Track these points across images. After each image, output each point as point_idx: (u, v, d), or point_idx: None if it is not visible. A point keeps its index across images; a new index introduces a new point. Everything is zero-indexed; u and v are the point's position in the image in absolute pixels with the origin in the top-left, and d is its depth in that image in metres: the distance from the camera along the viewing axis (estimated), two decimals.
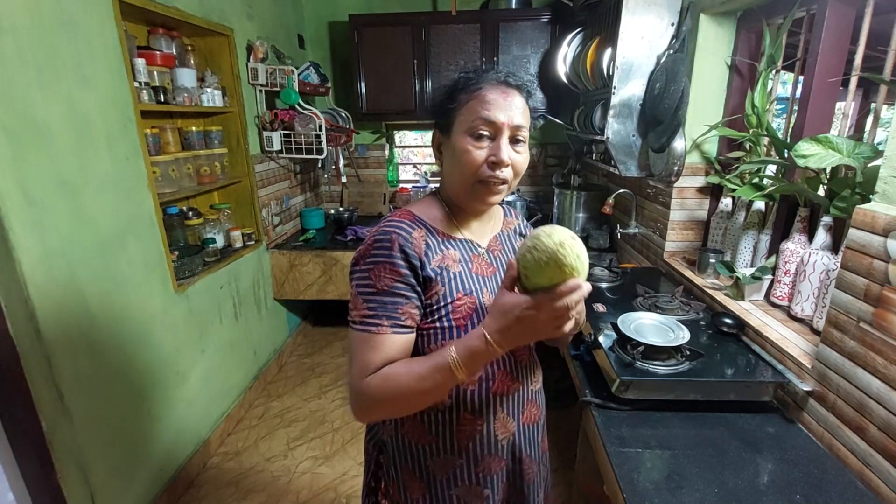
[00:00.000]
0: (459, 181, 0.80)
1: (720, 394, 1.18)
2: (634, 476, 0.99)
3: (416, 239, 0.77)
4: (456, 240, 0.84)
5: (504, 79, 0.79)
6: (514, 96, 0.77)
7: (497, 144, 0.76)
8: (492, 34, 2.90)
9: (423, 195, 0.91)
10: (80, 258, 1.46)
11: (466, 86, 0.78)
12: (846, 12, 1.33)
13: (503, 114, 0.75)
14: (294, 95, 2.59)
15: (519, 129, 0.77)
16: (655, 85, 1.82)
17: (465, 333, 0.76)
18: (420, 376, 0.70)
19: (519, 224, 1.00)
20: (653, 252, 2.15)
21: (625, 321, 1.33)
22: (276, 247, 2.81)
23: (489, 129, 0.76)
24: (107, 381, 1.57)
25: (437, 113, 0.83)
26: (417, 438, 0.85)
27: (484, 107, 0.75)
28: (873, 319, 0.96)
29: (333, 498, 1.92)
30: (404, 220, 0.80)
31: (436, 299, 0.78)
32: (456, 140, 0.78)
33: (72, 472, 1.42)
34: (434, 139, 0.86)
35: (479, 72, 0.80)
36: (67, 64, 1.41)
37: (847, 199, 1.18)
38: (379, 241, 0.76)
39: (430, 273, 0.77)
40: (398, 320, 0.75)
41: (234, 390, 2.40)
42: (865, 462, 0.98)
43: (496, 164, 0.75)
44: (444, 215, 0.85)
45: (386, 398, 0.72)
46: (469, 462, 0.85)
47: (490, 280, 0.85)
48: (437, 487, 0.87)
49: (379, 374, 0.73)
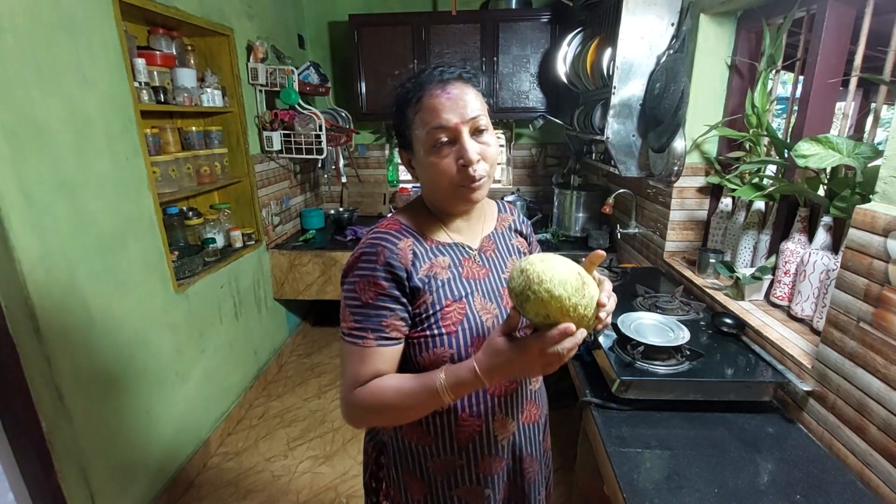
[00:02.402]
0: (437, 192, 0.80)
1: (720, 394, 1.18)
2: (634, 476, 0.99)
3: (402, 250, 0.77)
4: (445, 245, 0.83)
5: (440, 77, 0.75)
6: (456, 89, 0.74)
7: (461, 146, 0.74)
8: (492, 34, 2.90)
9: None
10: (80, 258, 1.46)
11: (408, 99, 0.77)
12: (846, 12, 1.33)
13: (453, 114, 0.73)
14: (294, 95, 2.59)
15: (475, 119, 0.74)
16: (655, 85, 1.82)
17: (456, 340, 0.77)
18: (407, 394, 0.73)
19: (515, 220, 0.97)
20: (653, 252, 2.15)
21: (625, 321, 1.33)
22: (276, 247, 2.81)
23: (446, 134, 0.74)
24: (107, 381, 1.57)
25: (397, 133, 0.82)
26: (417, 439, 0.85)
27: (432, 116, 0.73)
28: (873, 319, 0.96)
29: (333, 498, 1.92)
30: (391, 230, 0.80)
31: (424, 308, 0.78)
32: (420, 157, 0.77)
33: (72, 472, 1.42)
34: (402, 157, 0.85)
35: (415, 80, 0.77)
36: (67, 64, 1.41)
37: (847, 199, 1.18)
38: (365, 255, 0.77)
39: (418, 283, 0.77)
40: (382, 332, 0.76)
41: (234, 390, 2.40)
42: (865, 462, 0.98)
43: (466, 165, 0.74)
44: (431, 221, 0.84)
45: (374, 410, 0.75)
46: (469, 462, 0.85)
47: (482, 283, 0.84)
48: (437, 488, 0.87)
49: (368, 388, 0.75)
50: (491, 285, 0.84)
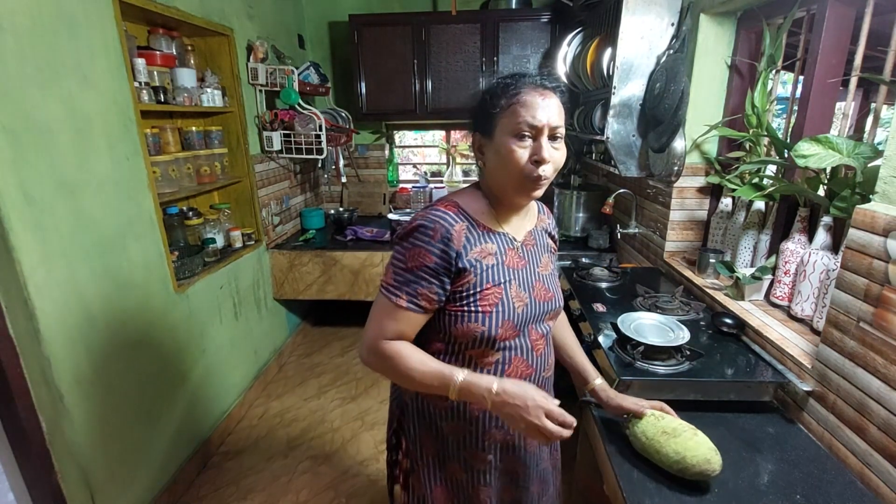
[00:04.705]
0: (505, 178, 0.86)
1: (720, 394, 1.18)
2: (634, 476, 0.99)
3: (457, 232, 0.85)
4: (495, 233, 0.91)
5: (541, 82, 0.84)
6: (550, 98, 0.83)
7: (539, 144, 0.82)
8: (492, 34, 2.90)
9: (425, 197, 0.97)
10: (80, 258, 1.46)
11: (506, 91, 0.84)
12: (846, 12, 1.33)
13: (543, 115, 0.81)
14: (294, 95, 2.59)
15: (556, 128, 0.83)
16: (655, 85, 1.82)
17: (489, 319, 0.87)
18: (425, 372, 0.85)
19: (549, 223, 1.06)
20: (653, 252, 2.15)
21: (625, 321, 1.33)
22: (276, 247, 2.81)
23: (530, 131, 0.82)
24: (107, 381, 1.57)
25: (479, 117, 0.89)
26: (435, 402, 0.96)
27: (525, 110, 0.81)
28: (873, 319, 0.96)
29: (333, 498, 1.92)
30: (450, 211, 0.87)
31: (467, 287, 0.86)
32: (500, 141, 0.84)
33: (72, 472, 1.42)
34: (474, 142, 0.92)
35: (517, 76, 0.85)
36: (67, 64, 1.41)
37: (847, 199, 1.18)
38: (423, 227, 0.85)
39: (466, 264, 0.85)
40: (415, 299, 0.85)
41: (234, 390, 2.40)
42: (865, 462, 0.98)
43: (539, 162, 0.82)
44: (486, 209, 0.92)
45: (392, 367, 0.87)
46: (477, 430, 0.96)
47: (519, 272, 0.92)
48: (447, 447, 0.99)
49: (396, 346, 0.86)
50: (526, 276, 0.93)
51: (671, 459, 0.94)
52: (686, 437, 0.95)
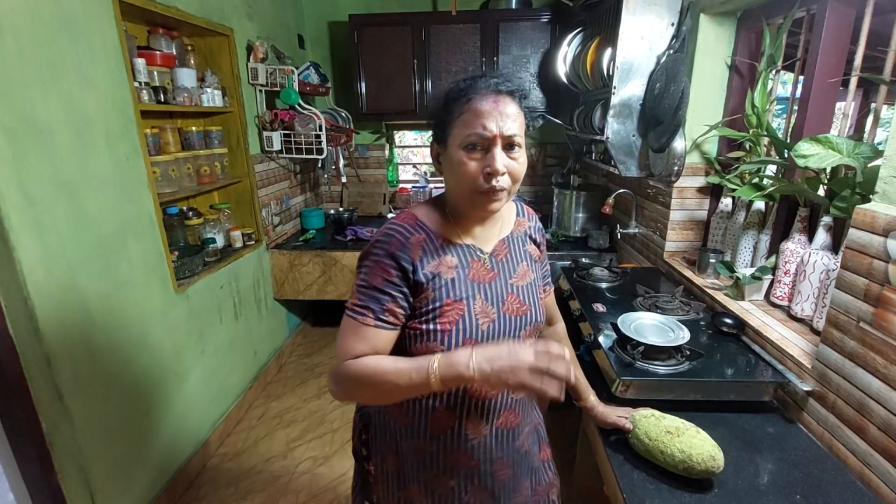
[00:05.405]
0: (459, 192, 0.82)
1: (720, 394, 1.18)
2: (634, 476, 0.99)
3: (412, 244, 0.81)
4: (455, 245, 0.85)
5: (495, 87, 0.78)
6: (505, 104, 0.77)
7: (491, 155, 0.76)
8: (492, 34, 2.90)
9: (425, 197, 0.93)
10: (80, 258, 1.46)
11: (458, 97, 0.79)
12: (846, 12, 1.33)
13: (494, 124, 0.75)
14: (294, 95, 2.59)
15: (512, 136, 0.77)
16: (655, 85, 1.82)
17: (449, 338, 0.80)
18: (397, 371, 0.75)
19: (531, 227, 0.98)
20: (653, 252, 2.15)
21: (625, 321, 1.33)
22: (276, 247, 2.81)
23: (482, 142, 0.77)
24: (107, 381, 1.57)
25: (434, 125, 0.85)
26: (397, 418, 0.91)
27: (475, 119, 0.76)
28: (873, 319, 0.96)
29: (332, 498, 1.92)
30: (406, 223, 0.84)
31: (425, 303, 0.81)
32: (451, 152, 0.80)
33: (72, 472, 1.42)
34: (432, 150, 0.87)
35: (470, 81, 0.80)
36: (67, 64, 1.41)
37: (847, 199, 1.18)
38: (379, 242, 0.82)
39: (421, 278, 0.80)
40: (381, 315, 0.79)
41: (234, 391, 2.40)
42: (865, 462, 0.98)
43: (491, 175, 0.76)
44: (446, 220, 0.87)
45: (361, 382, 0.77)
46: (439, 451, 0.89)
47: (487, 287, 0.85)
48: (408, 466, 0.92)
49: (360, 360, 0.78)
50: (496, 290, 0.86)
51: (676, 459, 0.94)
52: (689, 434, 0.96)
